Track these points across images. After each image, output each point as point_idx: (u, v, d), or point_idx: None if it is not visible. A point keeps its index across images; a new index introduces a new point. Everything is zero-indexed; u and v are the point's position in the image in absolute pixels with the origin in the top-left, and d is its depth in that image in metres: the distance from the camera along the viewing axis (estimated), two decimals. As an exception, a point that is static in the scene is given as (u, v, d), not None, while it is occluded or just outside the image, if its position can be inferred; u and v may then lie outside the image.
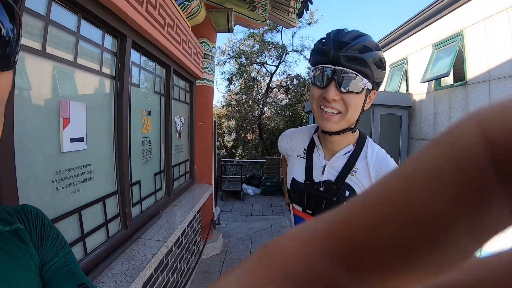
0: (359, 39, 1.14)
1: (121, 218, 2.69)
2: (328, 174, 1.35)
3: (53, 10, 1.77)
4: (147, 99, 3.36)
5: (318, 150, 1.41)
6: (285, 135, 1.59)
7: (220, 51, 18.95)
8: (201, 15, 5.01)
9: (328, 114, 1.20)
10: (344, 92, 1.15)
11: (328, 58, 1.14)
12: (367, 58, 1.12)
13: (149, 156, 3.41)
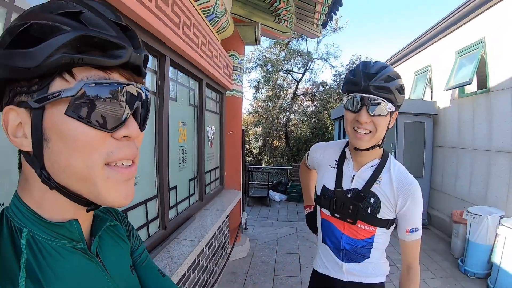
0: (384, 71, 1.38)
1: (160, 219, 2.99)
2: (356, 183, 1.57)
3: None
4: (183, 111, 3.66)
5: (348, 162, 1.62)
6: (319, 146, 1.83)
7: (246, 59, 19.03)
8: (230, 29, 5.27)
9: (360, 134, 1.42)
10: (373, 115, 1.38)
11: (360, 88, 1.37)
12: (391, 86, 1.37)
13: (184, 163, 3.71)
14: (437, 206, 7.53)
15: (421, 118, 7.49)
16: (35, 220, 0.57)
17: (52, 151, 0.54)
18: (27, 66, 0.50)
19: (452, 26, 7.18)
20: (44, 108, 0.52)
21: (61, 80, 0.52)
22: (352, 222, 1.58)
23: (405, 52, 9.70)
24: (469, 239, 5.10)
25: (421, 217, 1.57)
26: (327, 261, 1.71)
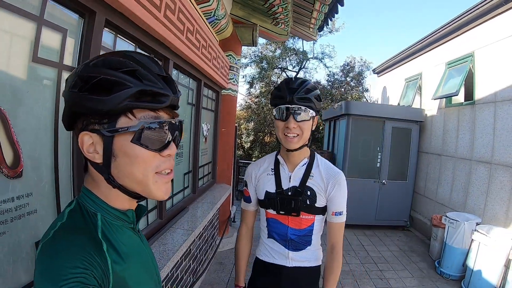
0: (304, 85, 1.70)
1: (157, 209, 3.24)
2: (293, 181, 1.87)
3: (118, 43, 2.33)
4: (182, 110, 3.87)
5: (283, 166, 1.91)
6: (253, 165, 2.06)
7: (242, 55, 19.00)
8: (229, 30, 5.48)
9: (290, 138, 1.71)
10: (299, 121, 1.68)
11: (286, 100, 1.68)
12: (311, 96, 1.69)
13: (181, 158, 3.95)
14: (419, 210, 7.83)
15: (408, 124, 7.72)
16: (106, 207, 0.85)
17: (119, 163, 0.80)
18: (101, 108, 0.75)
19: (444, 37, 7.40)
20: (114, 136, 0.78)
21: (125, 118, 0.78)
22: (296, 215, 1.86)
23: (398, 59, 9.92)
24: (446, 243, 5.36)
25: (345, 204, 1.91)
26: (274, 251, 1.97)
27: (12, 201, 1.42)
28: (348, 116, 7.61)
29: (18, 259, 1.47)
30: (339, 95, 17.52)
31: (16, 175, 1.44)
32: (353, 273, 5.29)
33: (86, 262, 0.70)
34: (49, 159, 1.68)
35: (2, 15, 1.32)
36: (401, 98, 9.42)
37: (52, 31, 1.62)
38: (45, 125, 1.64)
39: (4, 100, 1.36)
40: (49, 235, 0.75)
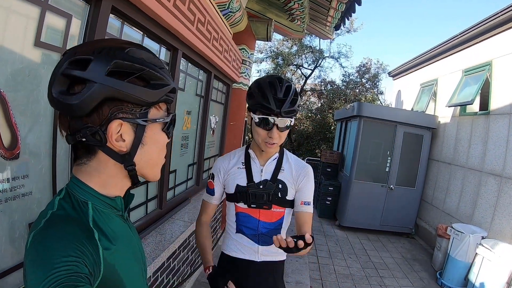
0: (290, 93, 1.68)
1: (158, 199, 3.26)
2: (265, 175, 1.89)
3: (125, 30, 2.33)
4: (189, 101, 3.90)
5: (254, 160, 1.92)
6: (222, 159, 2.05)
7: (258, 49, 19.12)
8: (243, 23, 5.46)
9: (270, 145, 1.75)
10: (282, 131, 1.72)
11: (273, 113, 1.66)
12: (296, 108, 1.71)
13: (185, 149, 3.97)
14: (425, 218, 7.74)
15: (420, 130, 7.62)
16: (96, 196, 0.86)
17: (145, 150, 0.87)
18: (145, 99, 0.81)
19: (462, 44, 7.29)
20: (146, 125, 0.85)
21: (154, 109, 0.87)
22: (268, 208, 1.88)
23: (414, 63, 9.83)
24: (450, 254, 5.30)
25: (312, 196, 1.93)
26: (242, 247, 1.96)
27: (7, 182, 1.44)
28: (359, 118, 7.56)
29: (10, 239, 1.49)
30: (353, 96, 17.42)
31: (13, 157, 1.46)
32: (353, 277, 5.29)
33: (78, 250, 0.70)
34: (47, 143, 1.70)
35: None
36: (415, 103, 9.32)
37: (56, 16, 1.63)
38: (45, 109, 1.65)
39: (4, 82, 1.38)
40: (40, 224, 0.75)
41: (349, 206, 7.64)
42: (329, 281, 5.07)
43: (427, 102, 8.45)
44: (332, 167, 9.29)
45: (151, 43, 2.76)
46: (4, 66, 1.37)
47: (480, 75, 6.48)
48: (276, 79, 1.73)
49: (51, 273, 0.64)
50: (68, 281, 0.64)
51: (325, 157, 9.36)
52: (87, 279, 0.69)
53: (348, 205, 7.65)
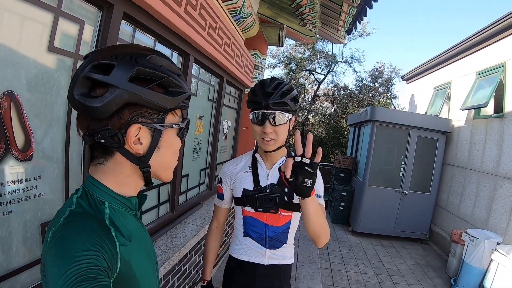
0: (279, 88, 1.68)
1: (170, 203, 3.29)
2: (271, 179, 1.89)
3: (137, 36, 2.39)
4: (202, 106, 3.94)
5: (260, 164, 1.92)
6: (229, 163, 2.06)
7: (271, 55, 19.15)
8: (255, 29, 5.50)
9: (267, 141, 1.72)
10: (275, 125, 1.68)
11: (261, 105, 1.66)
12: (286, 100, 1.67)
13: (198, 154, 4.00)
14: (440, 224, 7.63)
15: (434, 134, 7.53)
16: (112, 195, 0.89)
17: (161, 153, 0.90)
18: (164, 105, 0.85)
19: (475, 46, 7.20)
20: (163, 130, 0.88)
21: (171, 115, 0.91)
22: (274, 212, 1.87)
23: (427, 67, 9.75)
24: (464, 260, 5.20)
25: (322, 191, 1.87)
26: (250, 250, 1.97)
27: (20, 183, 1.48)
28: (373, 122, 7.52)
29: (22, 238, 1.53)
30: (367, 101, 17.31)
31: (26, 158, 1.50)
32: (366, 283, 5.24)
33: (97, 245, 0.73)
34: (60, 145, 1.74)
35: (20, 5, 1.38)
36: (429, 107, 9.24)
37: (69, 22, 1.67)
38: (59, 112, 1.69)
39: (19, 86, 1.42)
40: (59, 221, 0.78)
41: (363, 211, 7.58)
42: (342, 287, 5.03)
43: (440, 106, 8.36)
44: (345, 172, 9.25)
45: (163, 49, 2.80)
46: (18, 71, 1.42)
47: (494, 77, 6.39)
48: (269, 79, 1.77)
49: (72, 266, 0.66)
50: (88, 274, 0.66)
51: (338, 162, 9.33)
52: (106, 273, 0.71)
53: (361, 210, 7.59)
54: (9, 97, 1.37)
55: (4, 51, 1.35)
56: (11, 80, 1.39)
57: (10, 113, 1.39)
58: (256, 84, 1.77)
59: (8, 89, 1.37)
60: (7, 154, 1.40)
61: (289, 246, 1.98)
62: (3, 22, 1.33)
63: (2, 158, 1.38)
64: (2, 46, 1.34)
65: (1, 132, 1.36)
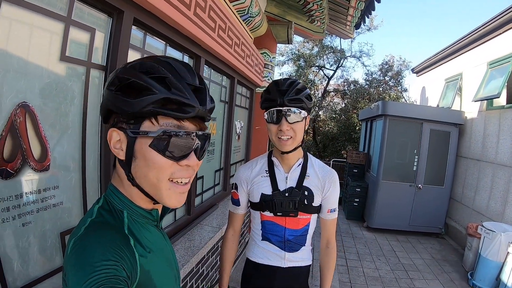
0: (293, 86, 1.67)
1: (186, 205, 3.30)
2: (290, 182, 1.85)
3: (148, 41, 2.39)
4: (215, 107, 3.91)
5: (278, 168, 1.88)
6: (244, 167, 2.00)
7: (279, 52, 18.91)
8: (263, 27, 5.48)
9: (284, 141, 1.69)
10: (291, 123, 1.66)
11: (277, 103, 1.65)
12: (301, 97, 1.66)
13: (212, 155, 4.01)
14: (455, 217, 7.51)
15: (447, 127, 7.42)
16: (131, 206, 0.88)
17: (137, 164, 0.82)
18: (127, 109, 0.78)
19: (485, 36, 7.07)
20: (136, 137, 0.81)
21: (149, 122, 0.80)
22: (294, 215, 1.84)
23: (437, 58, 9.62)
24: (481, 254, 5.10)
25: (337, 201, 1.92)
26: (269, 253, 1.94)
27: (38, 193, 1.49)
28: (385, 117, 7.42)
29: (42, 248, 1.54)
30: (377, 95, 17.14)
31: (43, 169, 1.50)
32: (382, 279, 5.19)
33: (117, 255, 0.73)
34: (76, 154, 1.74)
35: (30, 16, 1.39)
36: (441, 99, 9.11)
37: (80, 31, 1.68)
38: (73, 121, 1.70)
39: (33, 97, 1.43)
40: (80, 231, 0.78)
41: (377, 207, 7.51)
42: (358, 284, 4.99)
43: (452, 98, 8.22)
44: (358, 168, 9.17)
45: (174, 52, 2.81)
46: (31, 82, 1.42)
47: (506, 67, 6.24)
48: (282, 78, 1.75)
49: (92, 275, 0.66)
50: (108, 283, 0.66)
51: (351, 158, 9.26)
52: (125, 282, 0.72)
53: (376, 206, 7.52)
54: (24, 109, 1.38)
55: (17, 63, 1.36)
56: (25, 91, 1.39)
57: (26, 125, 1.40)
58: (270, 84, 1.76)
59: (22, 101, 1.37)
60: (25, 165, 1.41)
61: (307, 248, 1.97)
62: (15, 33, 1.34)
63: (20, 169, 1.39)
64: (15, 58, 1.35)
65: (17, 144, 1.37)
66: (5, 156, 1.32)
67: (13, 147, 1.36)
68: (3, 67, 1.29)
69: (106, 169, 1.93)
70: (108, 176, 1.93)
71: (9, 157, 1.34)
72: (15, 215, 1.38)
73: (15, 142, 1.36)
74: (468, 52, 7.95)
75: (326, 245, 1.98)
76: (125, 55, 1.98)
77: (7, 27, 1.30)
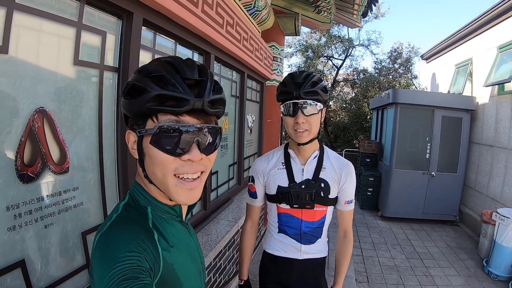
0: (309, 78, 1.68)
1: (202, 201, 3.34)
2: (306, 174, 1.86)
3: (158, 41, 2.41)
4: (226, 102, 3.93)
5: (294, 160, 1.89)
6: (260, 160, 2.01)
7: (287, 44, 18.74)
8: (271, 21, 5.46)
9: (300, 133, 1.69)
10: (307, 115, 1.66)
11: (293, 96, 1.66)
12: (317, 89, 1.67)
13: (225, 150, 4.04)
14: (469, 204, 7.42)
15: (459, 113, 7.30)
16: (155, 202, 0.92)
17: (147, 162, 0.86)
18: (130, 110, 0.84)
19: (495, 19, 6.92)
20: (143, 136, 0.84)
21: (151, 121, 0.83)
22: (310, 207, 1.85)
23: (447, 44, 9.47)
24: (496, 241, 5.04)
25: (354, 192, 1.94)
26: (285, 246, 1.96)
27: (59, 195, 1.53)
28: (396, 105, 7.34)
29: (65, 248, 1.58)
30: (387, 83, 16.95)
31: (63, 171, 1.54)
32: (398, 268, 5.18)
33: (140, 247, 0.77)
34: (94, 155, 1.78)
35: (42, 23, 1.42)
36: (451, 85, 8.97)
37: (91, 34, 1.71)
38: (90, 123, 1.74)
39: (49, 102, 1.46)
40: (106, 226, 0.83)
41: (391, 195, 7.45)
42: (374, 273, 4.99)
43: (463, 83, 8.09)
44: (371, 157, 9.11)
45: (183, 50, 2.84)
46: (47, 87, 1.46)
47: (516, 50, 6.12)
48: (298, 71, 1.76)
49: (116, 266, 0.70)
50: (131, 273, 0.70)
51: (363, 148, 9.20)
52: (148, 273, 0.75)
53: (389, 195, 7.47)
54: (41, 114, 1.41)
55: (32, 70, 1.39)
56: (42, 97, 1.43)
57: (44, 129, 1.43)
58: (286, 77, 1.76)
59: (39, 106, 1.41)
60: (44, 169, 1.45)
61: (323, 240, 1.99)
62: (28, 41, 1.38)
63: (40, 173, 1.43)
64: (29, 65, 1.38)
65: (37, 148, 1.41)
66: (25, 161, 1.36)
67: (33, 152, 1.39)
68: (19, 74, 1.33)
69: (124, 169, 1.97)
70: (125, 175, 1.97)
71: (29, 161, 1.38)
72: (37, 217, 1.42)
73: (35, 146, 1.40)
74: (478, 36, 7.81)
75: (343, 235, 1.99)
76: (136, 56, 2.01)
77: (20, 35, 1.33)
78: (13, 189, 1.32)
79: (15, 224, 1.32)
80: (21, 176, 1.34)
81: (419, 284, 4.66)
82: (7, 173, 1.29)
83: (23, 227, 1.36)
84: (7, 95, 1.28)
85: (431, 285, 4.64)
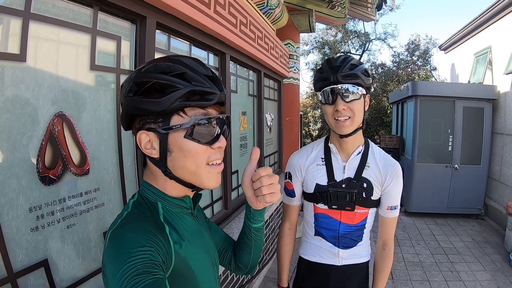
0: (346, 61, 1.52)
1: (223, 200, 3.37)
2: (348, 172, 1.68)
3: (172, 43, 2.45)
4: (243, 101, 4.00)
5: (335, 155, 1.71)
6: (298, 154, 1.85)
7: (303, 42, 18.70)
8: (285, 18, 5.48)
9: (342, 122, 1.53)
10: (348, 101, 1.50)
11: (330, 81, 1.50)
12: (357, 72, 1.50)
13: (245, 149, 4.06)
14: (494, 197, 7.20)
15: (480, 103, 7.10)
16: (164, 197, 0.96)
17: (174, 157, 0.89)
18: (155, 109, 0.84)
19: (512, 4, 6.70)
20: (168, 133, 0.87)
21: (177, 116, 0.86)
22: (351, 209, 1.68)
23: (465, 32, 9.26)
24: None
25: (400, 198, 1.76)
26: (322, 251, 1.80)
27: (80, 196, 1.57)
28: (415, 98, 7.22)
29: (87, 248, 1.63)
30: (406, 76, 16.70)
31: (84, 173, 1.59)
32: (422, 264, 5.10)
33: (151, 241, 0.80)
34: (114, 157, 1.83)
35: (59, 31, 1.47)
36: (471, 75, 8.76)
37: (106, 40, 1.76)
38: (108, 126, 1.78)
39: (68, 106, 1.51)
40: (116, 223, 0.86)
41: (414, 190, 7.33)
42: (399, 269, 4.93)
43: (483, 72, 7.88)
44: (392, 152, 8.93)
45: (198, 52, 2.87)
46: (66, 92, 1.51)
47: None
48: (335, 56, 1.64)
49: (128, 261, 0.72)
50: (143, 268, 0.72)
51: (384, 143, 9.09)
52: (160, 267, 0.77)
53: (412, 189, 7.34)
54: (61, 118, 1.46)
55: (51, 77, 1.44)
56: (61, 102, 1.48)
57: (64, 133, 1.48)
58: (322, 63, 1.61)
59: (59, 111, 1.46)
60: (66, 171, 1.50)
61: (365, 244, 1.81)
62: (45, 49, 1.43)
63: (61, 175, 1.48)
64: (48, 73, 1.43)
65: (57, 152, 1.45)
66: (46, 164, 1.41)
67: (54, 155, 1.44)
68: (37, 81, 1.38)
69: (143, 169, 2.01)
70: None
71: (50, 164, 1.43)
72: (60, 218, 1.47)
73: (55, 150, 1.44)
74: (496, 23, 7.60)
75: (382, 247, 1.81)
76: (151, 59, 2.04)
77: (37, 43, 1.38)
78: (35, 191, 1.37)
79: (38, 225, 1.37)
80: (43, 179, 1.39)
81: (445, 280, 4.57)
82: (29, 176, 1.34)
83: (45, 228, 1.40)
84: (26, 101, 1.33)
85: (456, 281, 4.54)
